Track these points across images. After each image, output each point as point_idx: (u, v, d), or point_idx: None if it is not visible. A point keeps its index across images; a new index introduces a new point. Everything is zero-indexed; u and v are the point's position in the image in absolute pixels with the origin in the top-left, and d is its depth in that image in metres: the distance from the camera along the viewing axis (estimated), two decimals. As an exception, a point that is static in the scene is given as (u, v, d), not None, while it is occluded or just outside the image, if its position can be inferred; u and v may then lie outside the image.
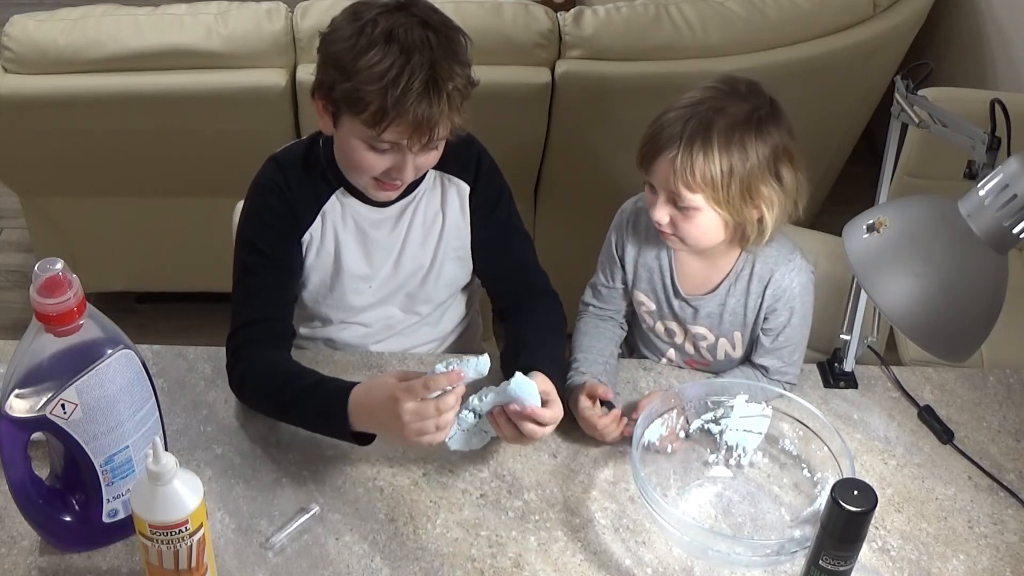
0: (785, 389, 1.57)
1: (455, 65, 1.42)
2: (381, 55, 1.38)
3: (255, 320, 1.53)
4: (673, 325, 1.65)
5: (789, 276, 1.56)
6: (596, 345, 1.63)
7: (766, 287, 1.56)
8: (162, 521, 1.18)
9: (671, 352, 1.69)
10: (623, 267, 1.65)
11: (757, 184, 1.46)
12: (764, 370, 1.61)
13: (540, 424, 1.38)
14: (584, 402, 1.50)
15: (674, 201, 1.48)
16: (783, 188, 1.48)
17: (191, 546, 1.21)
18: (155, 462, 1.16)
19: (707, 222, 1.48)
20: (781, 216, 1.49)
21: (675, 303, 1.62)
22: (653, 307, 1.65)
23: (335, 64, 1.43)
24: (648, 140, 1.48)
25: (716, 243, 1.53)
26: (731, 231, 1.51)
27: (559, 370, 1.54)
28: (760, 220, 1.49)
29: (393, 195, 1.57)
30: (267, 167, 1.60)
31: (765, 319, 1.58)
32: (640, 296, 1.65)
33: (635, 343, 1.75)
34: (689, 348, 1.66)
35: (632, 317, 1.72)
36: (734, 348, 1.63)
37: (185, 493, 1.19)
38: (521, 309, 1.65)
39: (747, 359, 1.64)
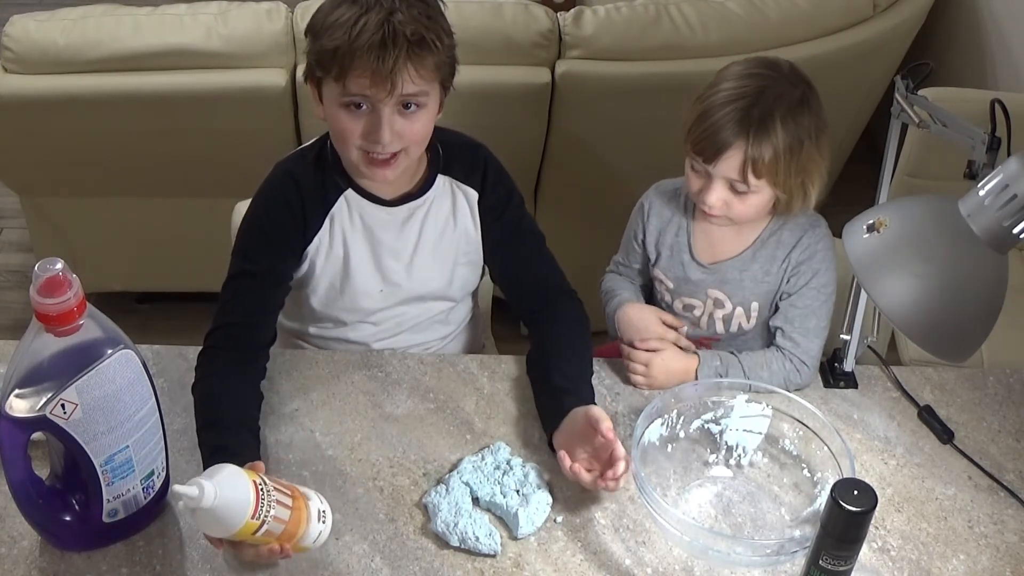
0: (797, 367, 1.60)
1: (418, 16, 1.43)
2: (345, 10, 1.42)
3: (234, 323, 1.54)
4: (691, 300, 1.67)
5: (815, 240, 1.61)
6: (631, 286, 1.74)
7: (791, 250, 1.61)
8: (250, 508, 1.20)
9: (683, 329, 1.70)
10: (644, 250, 1.71)
11: (808, 160, 1.52)
12: (776, 333, 1.63)
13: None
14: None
15: (733, 187, 1.52)
16: (824, 158, 1.54)
17: (273, 487, 1.24)
18: (193, 500, 1.17)
19: (761, 200, 1.54)
20: (821, 184, 1.55)
21: (694, 273, 1.65)
22: (671, 285, 1.68)
23: (311, 32, 1.47)
24: (708, 135, 1.50)
25: (761, 215, 1.60)
26: (781, 205, 1.57)
27: (588, 385, 1.56)
28: (805, 190, 1.55)
29: (388, 174, 1.53)
30: (279, 178, 1.60)
31: (787, 281, 1.62)
32: (660, 274, 1.68)
33: None
34: (704, 321, 1.68)
35: (648, 297, 1.76)
36: (748, 319, 1.65)
37: (227, 479, 1.20)
38: (544, 314, 1.66)
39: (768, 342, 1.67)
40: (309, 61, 1.49)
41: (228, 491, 1.19)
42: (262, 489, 1.22)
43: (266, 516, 1.21)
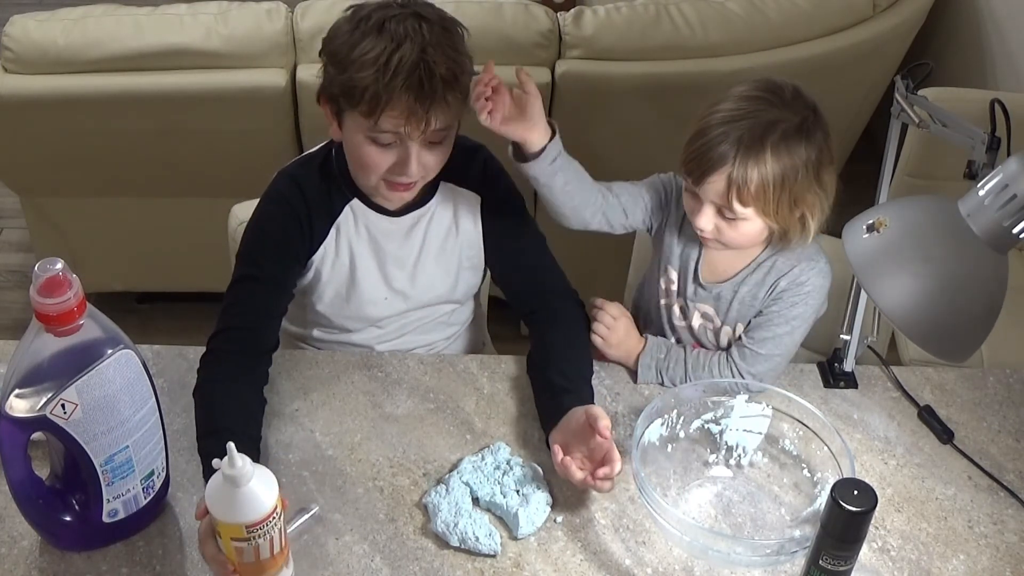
0: (736, 380, 1.58)
1: (448, 51, 1.42)
2: (372, 44, 1.40)
3: (236, 327, 1.54)
4: (688, 307, 1.66)
5: (807, 274, 1.58)
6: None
7: (780, 278, 1.58)
8: (256, 517, 1.19)
9: (672, 341, 1.70)
10: (662, 217, 1.66)
11: (803, 192, 1.48)
12: (734, 343, 1.62)
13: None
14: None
15: (722, 212, 1.49)
16: (825, 191, 1.50)
17: (280, 527, 1.23)
18: (231, 466, 1.16)
19: (752, 229, 1.51)
20: (822, 218, 1.52)
21: (690, 286, 1.64)
22: (675, 287, 1.67)
23: (332, 60, 1.45)
24: (697, 154, 1.47)
25: (756, 244, 1.57)
26: (776, 235, 1.54)
27: (588, 385, 1.56)
28: (804, 224, 1.51)
29: (406, 196, 1.55)
30: (285, 185, 1.59)
31: (766, 306, 1.59)
32: (672, 273, 1.67)
33: (642, 326, 1.75)
34: (696, 331, 1.67)
35: (650, 300, 1.74)
36: (735, 338, 1.64)
37: (265, 480, 1.20)
38: (544, 314, 1.66)
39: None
40: (331, 90, 1.46)
41: (258, 490, 1.19)
42: (273, 518, 1.21)
43: (255, 539, 1.20)
